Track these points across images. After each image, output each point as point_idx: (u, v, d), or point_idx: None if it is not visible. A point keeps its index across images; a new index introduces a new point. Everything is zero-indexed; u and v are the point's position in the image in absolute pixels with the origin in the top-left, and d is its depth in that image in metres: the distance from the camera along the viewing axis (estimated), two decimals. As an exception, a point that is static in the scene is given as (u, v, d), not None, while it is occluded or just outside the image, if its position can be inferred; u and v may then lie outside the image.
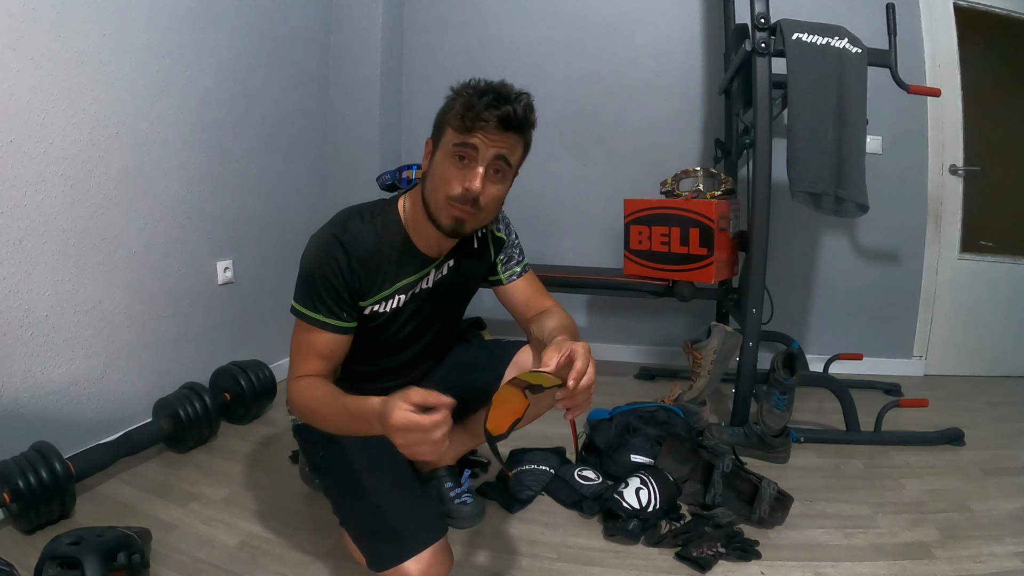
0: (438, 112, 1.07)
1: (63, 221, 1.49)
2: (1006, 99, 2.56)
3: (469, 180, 1.01)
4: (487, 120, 0.97)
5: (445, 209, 1.04)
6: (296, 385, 1.07)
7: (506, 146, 1.01)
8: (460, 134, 0.99)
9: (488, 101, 0.97)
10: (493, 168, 1.02)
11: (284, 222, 2.34)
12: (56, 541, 1.07)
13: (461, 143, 1.00)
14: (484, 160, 1.00)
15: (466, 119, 0.98)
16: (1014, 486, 1.57)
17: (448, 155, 1.01)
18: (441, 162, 1.03)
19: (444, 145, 1.02)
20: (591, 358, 0.93)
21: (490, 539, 1.32)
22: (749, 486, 1.39)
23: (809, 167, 1.77)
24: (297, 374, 1.08)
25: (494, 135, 0.99)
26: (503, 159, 1.02)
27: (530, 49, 2.68)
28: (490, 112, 0.97)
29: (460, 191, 1.01)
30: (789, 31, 1.75)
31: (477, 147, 0.99)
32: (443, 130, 1.03)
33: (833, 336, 2.59)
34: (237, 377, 1.90)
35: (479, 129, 0.98)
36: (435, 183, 1.05)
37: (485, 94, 0.97)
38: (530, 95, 1.03)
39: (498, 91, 0.98)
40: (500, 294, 1.29)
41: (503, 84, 1.01)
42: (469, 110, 0.97)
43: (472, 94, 0.98)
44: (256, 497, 1.49)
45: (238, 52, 2.05)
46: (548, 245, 2.72)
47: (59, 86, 1.45)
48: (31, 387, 1.43)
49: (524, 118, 1.01)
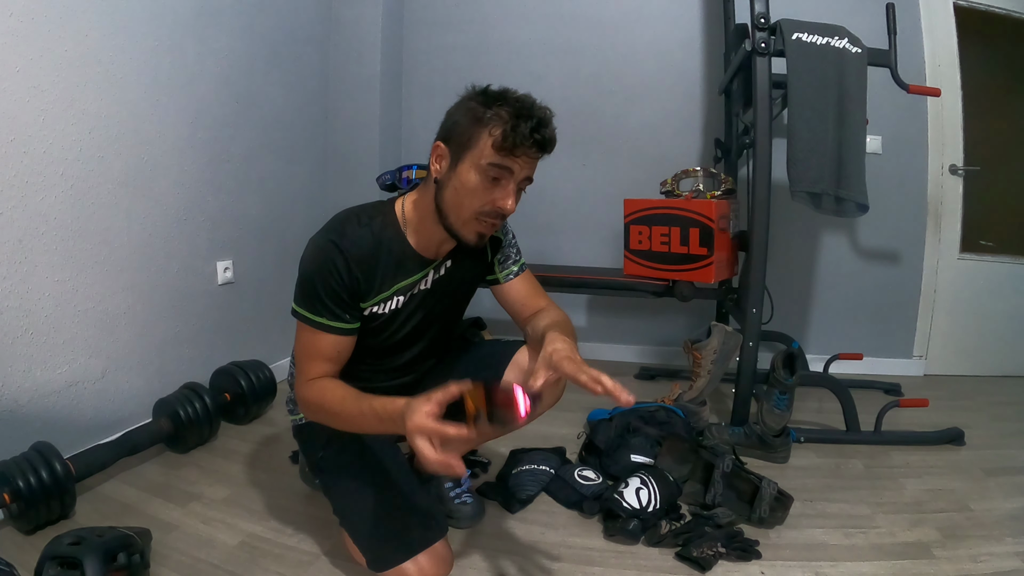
0: (456, 117, 1.05)
1: (63, 221, 1.49)
2: (1006, 99, 2.56)
3: (503, 199, 1.03)
4: (530, 146, 0.99)
5: (472, 224, 1.05)
6: (310, 388, 1.06)
7: (535, 167, 1.05)
8: (501, 156, 1.00)
9: (532, 126, 0.98)
10: (520, 187, 1.05)
11: (284, 222, 2.34)
12: (56, 541, 1.07)
13: (500, 164, 1.00)
14: (517, 179, 1.03)
15: (513, 143, 0.98)
16: (1014, 486, 1.57)
17: (481, 172, 1.01)
18: (470, 176, 1.02)
19: (475, 160, 1.01)
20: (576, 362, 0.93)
21: (490, 539, 1.32)
22: (749, 486, 1.39)
23: (809, 167, 1.77)
24: (308, 377, 1.08)
25: (532, 158, 1.02)
26: (529, 179, 1.06)
27: (530, 49, 2.68)
28: (534, 138, 0.99)
29: (492, 208, 1.03)
30: (789, 31, 1.75)
31: (514, 170, 1.01)
32: (473, 143, 1.01)
33: (833, 336, 2.59)
34: (237, 377, 1.90)
35: (522, 154, 1.00)
36: (461, 197, 1.04)
37: (528, 118, 0.99)
38: (551, 110, 1.05)
39: (537, 114, 1.00)
40: (497, 293, 1.29)
41: (534, 102, 1.03)
42: (516, 134, 0.98)
43: (514, 115, 0.99)
44: (256, 497, 1.49)
45: (238, 52, 2.05)
46: (548, 245, 2.72)
47: (59, 86, 1.45)
48: (31, 387, 1.43)
49: (555, 140, 1.04)
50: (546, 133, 1.01)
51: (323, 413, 1.05)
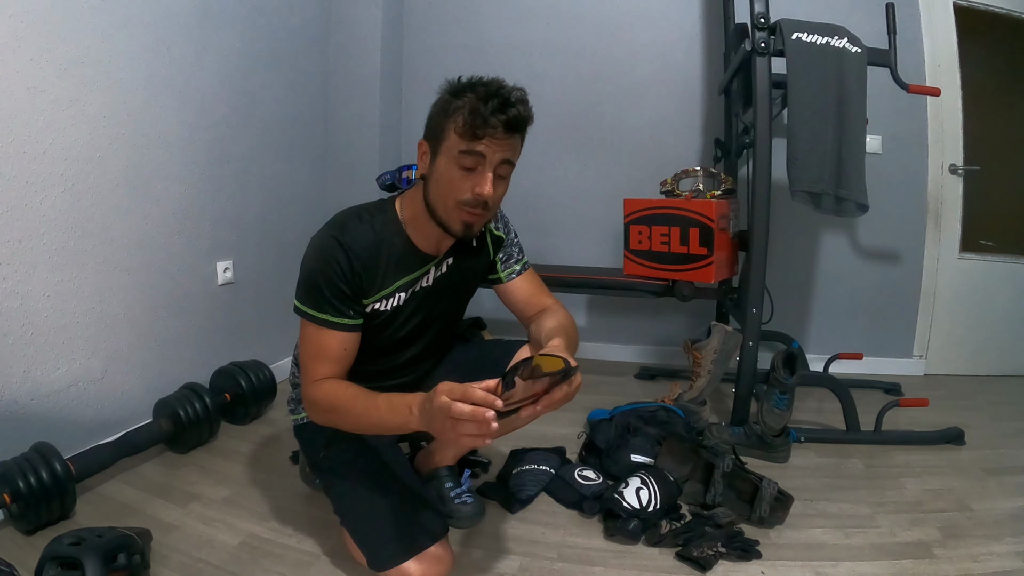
0: (432, 112, 1.06)
1: (63, 221, 1.49)
2: (1006, 99, 2.56)
3: (479, 185, 1.01)
4: (494, 127, 0.97)
5: (455, 214, 1.05)
6: (318, 388, 1.05)
7: (511, 148, 1.03)
8: (467, 141, 0.99)
9: (494, 107, 0.96)
10: (499, 171, 1.03)
11: (284, 222, 2.34)
12: (56, 542, 1.07)
13: (468, 151, 0.99)
14: (492, 165, 1.01)
15: (473, 127, 0.97)
16: (1014, 485, 1.57)
17: (454, 161, 1.01)
18: (446, 168, 1.02)
19: (448, 151, 1.01)
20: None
21: (490, 539, 1.32)
22: (749, 486, 1.39)
23: (809, 167, 1.77)
24: (315, 378, 1.07)
25: (501, 140, 1.00)
26: (508, 162, 1.03)
27: (530, 49, 2.68)
28: (496, 118, 0.97)
29: (471, 196, 1.02)
30: (789, 31, 1.75)
31: (484, 154, 0.99)
32: (444, 134, 1.02)
33: (833, 336, 2.59)
34: (237, 377, 1.90)
35: (487, 136, 0.98)
36: (441, 189, 1.04)
37: (488, 99, 0.96)
38: (524, 89, 1.02)
39: (500, 94, 0.98)
40: (500, 293, 1.29)
41: (500, 83, 1.01)
42: (475, 117, 0.96)
43: (475, 99, 0.97)
44: (256, 497, 1.49)
45: (238, 52, 2.05)
46: (548, 245, 2.72)
47: (59, 86, 1.45)
48: (31, 387, 1.43)
49: (527, 117, 1.01)
50: (511, 112, 0.97)
51: (332, 413, 1.04)
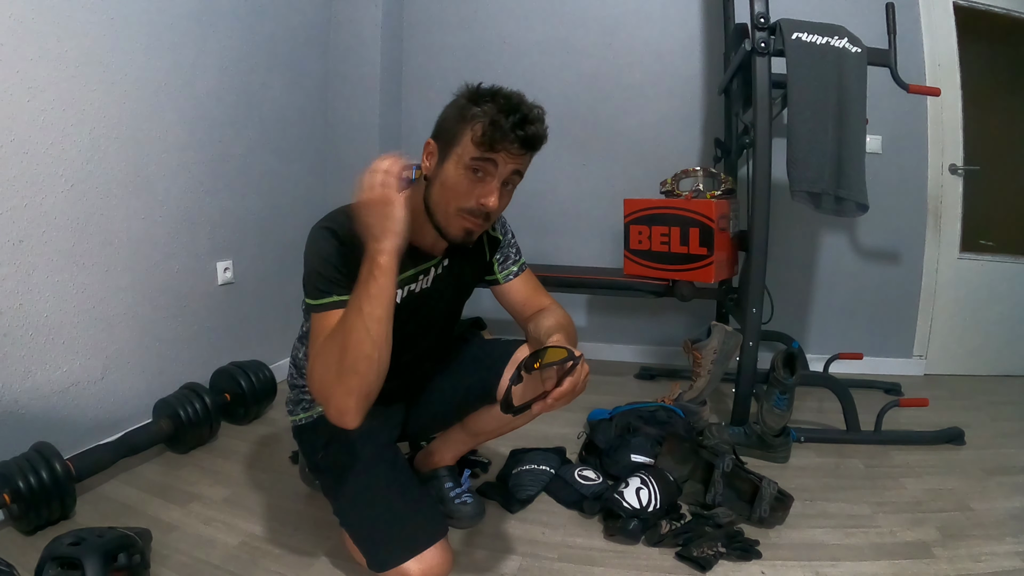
0: (446, 114, 1.05)
1: (63, 221, 1.49)
2: (1006, 99, 2.56)
3: (485, 195, 1.01)
4: (511, 141, 0.98)
5: (456, 220, 1.04)
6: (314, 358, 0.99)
7: (523, 162, 1.03)
8: (481, 150, 0.99)
9: (515, 121, 0.97)
10: (507, 182, 1.03)
11: (284, 222, 2.33)
12: (56, 542, 1.07)
13: (481, 158, 0.99)
14: (502, 176, 1.01)
15: (492, 138, 0.97)
16: (1014, 485, 1.57)
17: (463, 167, 1.01)
18: (454, 172, 1.02)
19: (459, 156, 1.01)
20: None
21: (490, 539, 1.32)
22: (749, 486, 1.39)
23: (809, 167, 1.77)
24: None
25: (515, 154, 1.00)
26: (518, 173, 1.04)
27: (530, 49, 2.68)
28: (515, 133, 0.97)
29: (475, 205, 1.02)
30: (789, 31, 1.75)
31: (497, 164, 1.00)
32: (457, 139, 1.01)
33: (833, 336, 2.59)
34: (237, 377, 1.90)
35: (503, 149, 0.98)
36: (445, 193, 1.03)
37: (510, 113, 0.97)
38: (543, 108, 1.03)
39: (521, 110, 0.98)
40: (498, 294, 1.29)
41: (521, 98, 1.01)
42: (495, 129, 0.97)
43: (497, 111, 0.97)
44: (256, 497, 1.49)
45: (238, 52, 2.05)
46: (548, 245, 2.72)
47: (59, 86, 1.45)
48: (31, 387, 1.43)
49: (543, 137, 1.02)
50: (530, 130, 0.98)
51: (333, 351, 0.94)
